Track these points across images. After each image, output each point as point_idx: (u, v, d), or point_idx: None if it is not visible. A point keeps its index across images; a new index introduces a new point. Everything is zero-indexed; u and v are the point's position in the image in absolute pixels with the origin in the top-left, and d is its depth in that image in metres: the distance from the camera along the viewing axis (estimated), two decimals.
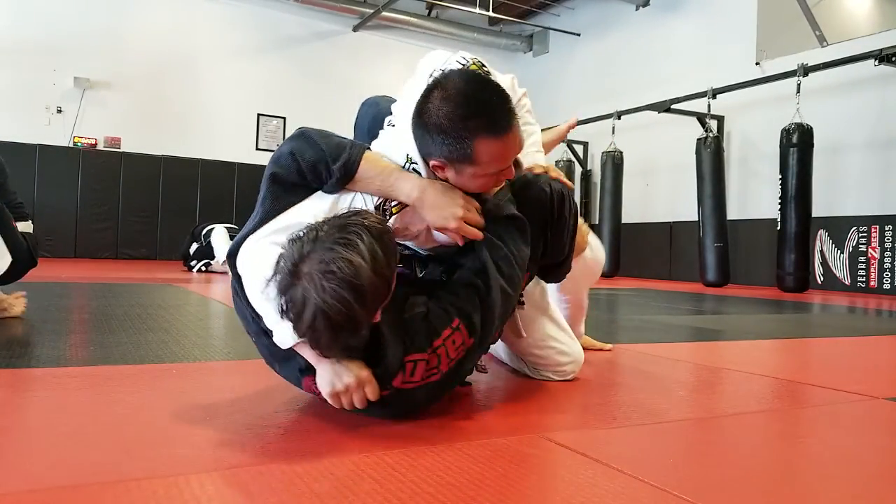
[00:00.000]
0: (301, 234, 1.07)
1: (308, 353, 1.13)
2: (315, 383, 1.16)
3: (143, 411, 1.23)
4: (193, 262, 6.78)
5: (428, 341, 1.15)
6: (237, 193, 9.60)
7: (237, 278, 1.25)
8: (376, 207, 1.26)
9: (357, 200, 1.25)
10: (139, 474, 0.88)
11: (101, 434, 1.07)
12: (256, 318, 1.20)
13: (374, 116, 1.51)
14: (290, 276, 1.03)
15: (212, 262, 6.66)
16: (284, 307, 1.05)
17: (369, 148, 1.30)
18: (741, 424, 1.32)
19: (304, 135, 1.27)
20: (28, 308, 2.44)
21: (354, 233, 1.04)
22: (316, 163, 1.22)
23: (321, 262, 1.01)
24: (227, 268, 5.10)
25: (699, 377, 1.91)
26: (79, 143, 8.94)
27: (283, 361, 1.23)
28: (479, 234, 1.26)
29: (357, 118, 1.60)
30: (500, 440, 1.10)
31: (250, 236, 1.23)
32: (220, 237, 6.70)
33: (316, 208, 1.22)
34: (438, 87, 1.21)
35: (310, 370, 1.16)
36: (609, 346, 2.19)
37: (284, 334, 1.12)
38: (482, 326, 1.22)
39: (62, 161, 8.80)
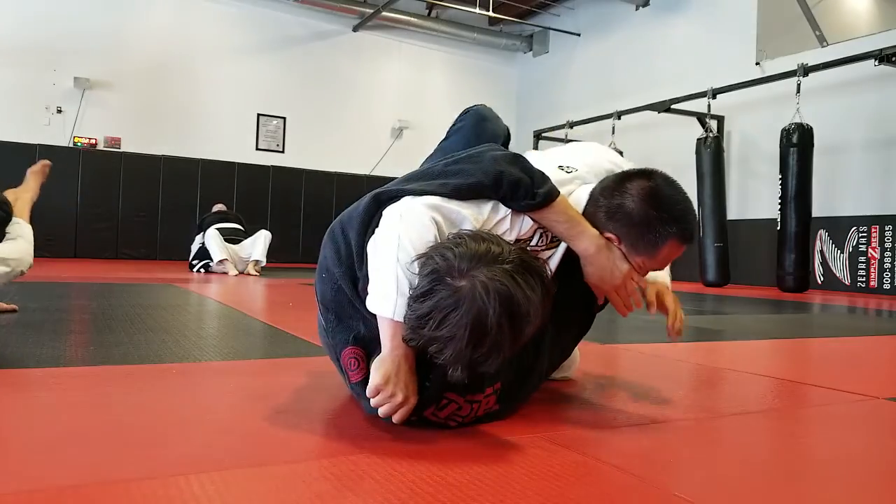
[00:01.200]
0: (483, 240, 1.03)
1: (390, 335, 1.08)
2: (358, 358, 1.13)
3: (143, 411, 1.23)
4: (195, 262, 6.78)
5: (468, 390, 1.12)
6: (237, 193, 9.61)
7: (366, 215, 1.20)
8: (523, 239, 1.28)
9: (506, 223, 1.22)
10: (139, 474, 0.88)
11: (101, 434, 1.07)
12: (353, 263, 1.17)
13: (493, 134, 1.45)
14: (457, 272, 0.99)
15: (211, 262, 6.65)
16: (426, 293, 0.99)
17: None
18: (741, 424, 1.32)
19: (516, 155, 1.26)
20: (28, 308, 2.44)
21: (536, 278, 1.02)
22: (519, 180, 1.19)
23: (498, 281, 0.98)
24: (225, 267, 5.12)
25: (699, 377, 1.91)
26: (79, 143, 8.94)
27: (346, 321, 1.19)
28: (622, 310, 1.35)
29: (464, 126, 1.48)
30: (501, 440, 1.10)
31: (416, 196, 1.16)
32: (212, 240, 6.68)
33: (474, 210, 1.19)
34: (644, 176, 1.32)
35: (361, 343, 1.14)
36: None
37: (390, 305, 1.07)
38: (508, 398, 1.22)
39: (62, 161, 8.79)
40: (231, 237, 6.84)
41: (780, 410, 1.47)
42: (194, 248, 6.96)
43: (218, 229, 6.80)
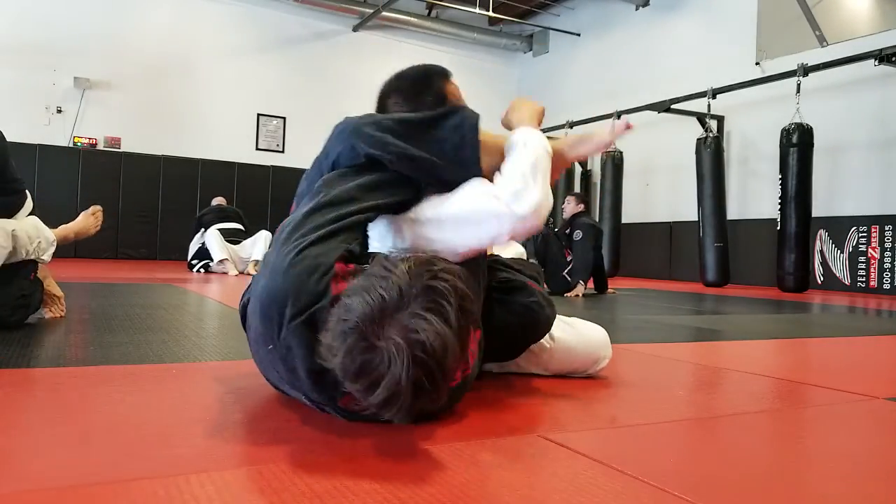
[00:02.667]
0: (382, 281, 0.95)
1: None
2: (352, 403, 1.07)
3: (143, 411, 1.23)
4: (194, 262, 6.77)
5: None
6: (237, 193, 9.61)
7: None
8: None
9: None
10: (139, 474, 0.88)
11: (101, 434, 1.07)
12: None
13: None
14: (368, 336, 0.92)
15: (211, 262, 6.65)
16: (353, 368, 0.92)
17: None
18: (741, 424, 1.32)
19: None
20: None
21: (443, 296, 0.95)
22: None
23: (410, 331, 0.91)
24: (225, 267, 5.11)
25: (699, 377, 1.91)
26: (79, 143, 8.94)
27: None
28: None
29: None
30: (500, 440, 1.10)
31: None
32: (213, 239, 6.66)
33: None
34: (389, 97, 1.52)
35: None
36: None
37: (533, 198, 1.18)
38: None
39: (62, 161, 8.81)
40: (232, 238, 6.83)
41: (780, 410, 1.47)
42: (193, 247, 6.95)
43: (219, 230, 6.80)
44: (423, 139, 1.28)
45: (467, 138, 1.28)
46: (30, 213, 2.39)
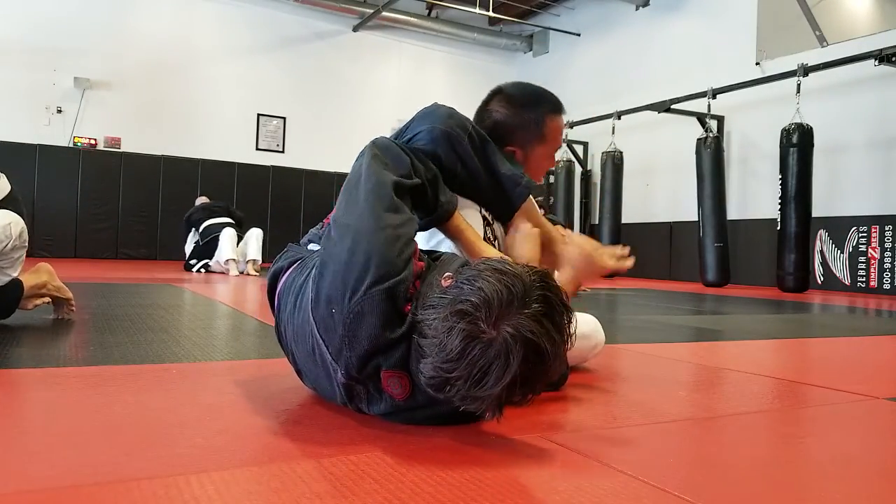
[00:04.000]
0: (505, 276, 0.95)
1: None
2: (399, 376, 1.07)
3: (143, 411, 1.23)
4: (193, 262, 6.76)
5: None
6: (237, 193, 9.61)
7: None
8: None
9: None
10: (139, 474, 0.88)
11: (101, 434, 1.07)
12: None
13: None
14: (481, 323, 0.92)
15: (210, 262, 6.63)
16: (456, 348, 0.92)
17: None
18: (741, 424, 1.32)
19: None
20: (28, 308, 2.44)
21: (557, 308, 0.97)
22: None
23: (527, 330, 0.92)
24: (228, 267, 5.11)
25: (699, 377, 1.91)
26: (79, 143, 8.94)
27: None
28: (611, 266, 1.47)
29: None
30: (501, 440, 1.10)
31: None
32: (227, 239, 6.59)
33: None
34: (493, 94, 1.56)
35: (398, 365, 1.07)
36: None
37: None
38: None
39: (62, 161, 8.81)
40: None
41: (780, 410, 1.47)
42: (189, 247, 6.91)
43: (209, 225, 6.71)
44: (487, 155, 1.40)
45: (518, 187, 1.42)
46: (4, 200, 2.14)
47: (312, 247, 1.39)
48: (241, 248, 6.73)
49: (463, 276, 0.99)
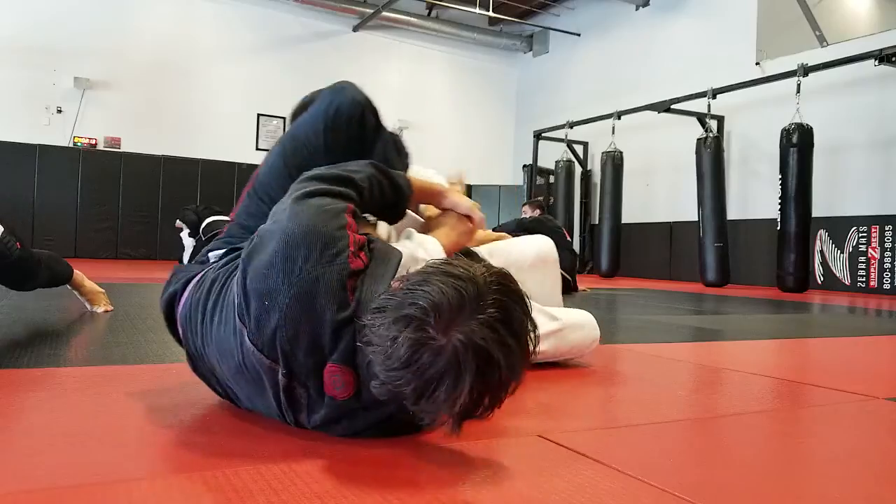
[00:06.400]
0: (459, 281, 0.88)
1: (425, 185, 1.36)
2: (343, 372, 0.99)
3: (143, 411, 1.23)
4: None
5: None
6: (237, 193, 9.59)
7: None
8: None
9: None
10: (139, 474, 0.88)
11: (101, 434, 1.07)
12: None
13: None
14: (431, 328, 0.85)
15: None
16: (403, 356, 0.85)
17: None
18: (741, 424, 1.32)
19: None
20: (27, 308, 2.44)
21: (514, 311, 0.90)
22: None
23: (480, 337, 0.85)
24: None
25: (699, 377, 1.91)
26: (79, 143, 8.95)
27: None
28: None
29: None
30: (500, 440, 1.10)
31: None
32: None
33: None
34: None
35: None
36: None
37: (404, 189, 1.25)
38: None
39: (62, 161, 8.81)
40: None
41: (780, 410, 1.47)
42: (189, 245, 6.85)
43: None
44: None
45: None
46: None
47: (213, 255, 1.29)
48: None
49: (411, 280, 0.91)
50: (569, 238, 5.58)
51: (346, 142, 1.30)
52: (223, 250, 1.28)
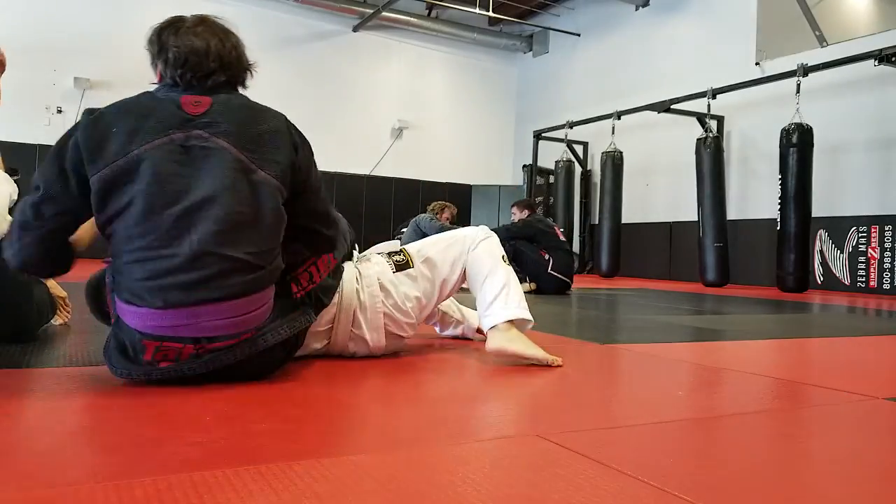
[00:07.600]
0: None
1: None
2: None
3: (144, 411, 1.23)
4: None
5: None
6: None
7: None
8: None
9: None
10: (140, 474, 0.88)
11: (100, 434, 1.07)
12: None
13: None
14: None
15: None
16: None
17: None
18: (741, 424, 1.32)
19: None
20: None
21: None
22: None
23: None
24: None
25: (699, 377, 1.91)
26: None
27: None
28: None
29: None
30: (500, 440, 1.10)
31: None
32: None
33: None
34: None
35: None
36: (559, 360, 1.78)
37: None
38: None
39: None
40: None
41: (780, 410, 1.47)
42: None
43: None
44: None
45: None
46: None
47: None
48: None
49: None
50: (562, 238, 5.51)
51: None
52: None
